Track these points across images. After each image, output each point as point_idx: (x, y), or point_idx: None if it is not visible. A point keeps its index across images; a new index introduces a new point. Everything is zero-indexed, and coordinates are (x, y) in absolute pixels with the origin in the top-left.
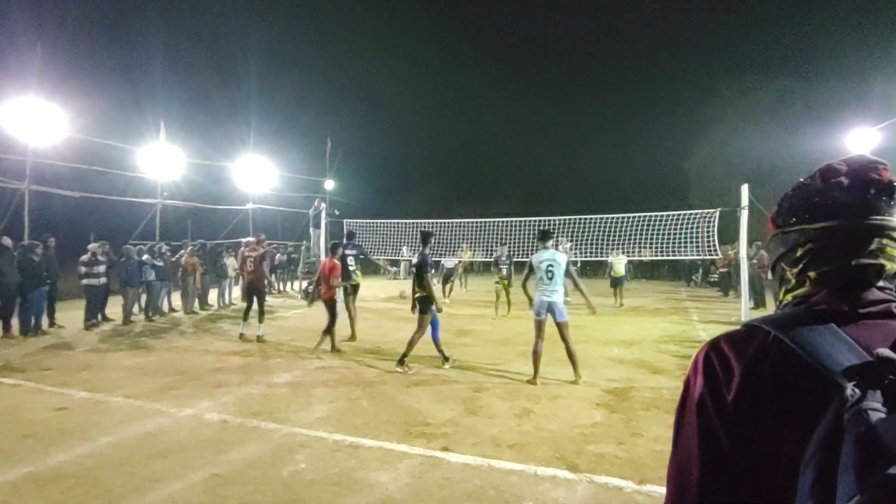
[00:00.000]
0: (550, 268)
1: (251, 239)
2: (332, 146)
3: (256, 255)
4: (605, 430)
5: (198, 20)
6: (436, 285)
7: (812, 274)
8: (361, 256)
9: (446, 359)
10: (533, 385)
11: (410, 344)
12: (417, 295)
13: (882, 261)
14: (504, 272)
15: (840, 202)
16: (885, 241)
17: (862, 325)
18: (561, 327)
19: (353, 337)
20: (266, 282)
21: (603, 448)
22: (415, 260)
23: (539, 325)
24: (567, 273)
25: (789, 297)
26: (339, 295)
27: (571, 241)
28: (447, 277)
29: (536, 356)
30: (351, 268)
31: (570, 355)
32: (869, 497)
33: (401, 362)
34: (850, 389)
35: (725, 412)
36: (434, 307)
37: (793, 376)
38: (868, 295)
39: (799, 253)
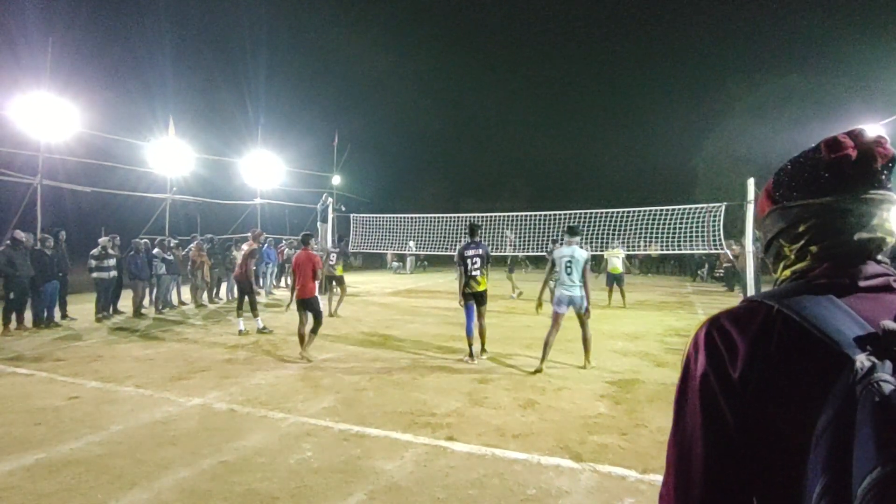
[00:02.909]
0: (569, 263)
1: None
2: (339, 142)
3: (244, 252)
4: (609, 421)
5: (206, 16)
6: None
7: (814, 249)
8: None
9: (471, 354)
10: (539, 372)
11: (483, 333)
12: (482, 288)
13: (881, 234)
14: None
15: (847, 176)
16: (885, 214)
17: (862, 298)
18: (582, 317)
19: (334, 314)
20: (249, 280)
21: (606, 438)
22: (480, 252)
23: (557, 317)
24: (583, 270)
25: (787, 273)
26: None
27: (515, 233)
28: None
29: (547, 345)
30: (331, 263)
31: (586, 342)
32: (891, 468)
33: (483, 350)
34: (861, 361)
35: (731, 389)
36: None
37: (800, 350)
38: (867, 268)
39: (801, 228)
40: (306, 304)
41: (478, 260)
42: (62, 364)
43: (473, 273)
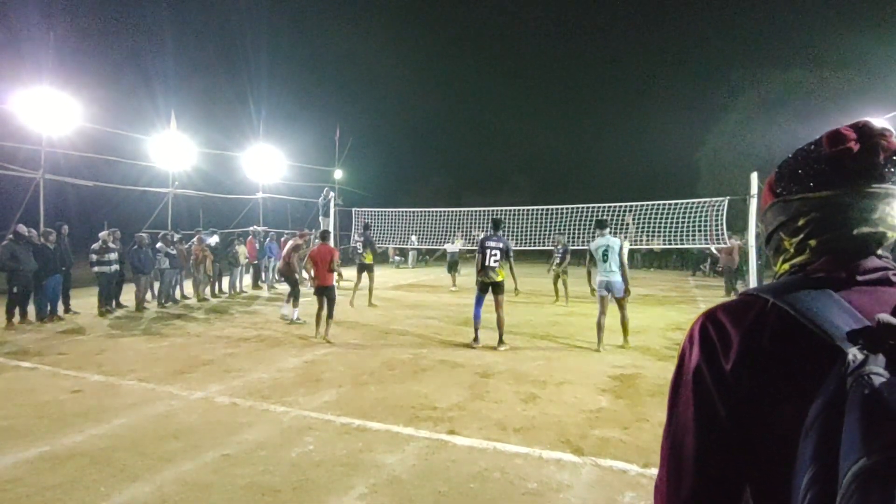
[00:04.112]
0: (605, 252)
1: (259, 228)
2: (341, 136)
3: (289, 246)
4: (611, 415)
5: (207, 10)
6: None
7: (813, 242)
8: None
9: (476, 339)
10: (598, 352)
11: (501, 323)
12: (499, 279)
13: (883, 229)
14: (558, 260)
15: (848, 169)
16: (887, 209)
17: (860, 292)
18: (619, 301)
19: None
20: (295, 274)
21: (608, 432)
22: (500, 246)
23: (602, 301)
24: (619, 256)
25: (786, 267)
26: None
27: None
28: (453, 265)
29: (600, 327)
30: (359, 251)
31: (624, 324)
32: (876, 459)
33: (501, 342)
34: (853, 354)
35: (724, 382)
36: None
37: (793, 343)
38: (867, 263)
39: (801, 222)
40: (325, 291)
41: (497, 252)
42: (65, 358)
43: (493, 264)
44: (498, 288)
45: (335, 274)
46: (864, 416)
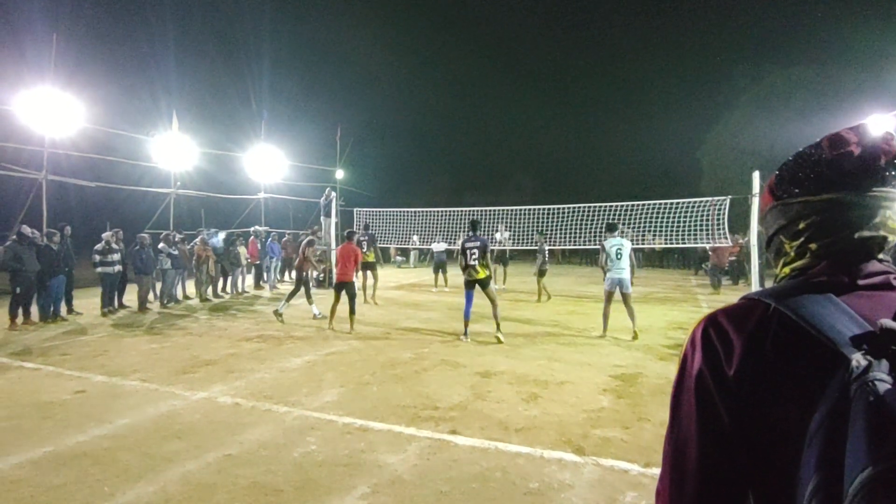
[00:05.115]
0: (619, 251)
1: (261, 229)
2: (342, 135)
3: (304, 243)
4: (612, 415)
5: (209, 11)
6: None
7: (813, 246)
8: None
9: (466, 334)
10: (602, 337)
11: (496, 314)
12: (480, 276)
13: (884, 233)
14: (537, 259)
15: (849, 173)
16: (888, 212)
17: (861, 296)
18: (626, 297)
19: (373, 300)
20: (307, 269)
21: (609, 432)
22: (478, 245)
23: (609, 296)
24: (629, 256)
25: (787, 270)
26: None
27: (509, 229)
28: (440, 265)
29: (606, 316)
30: (364, 250)
31: (631, 317)
32: (882, 467)
33: (498, 329)
34: (856, 360)
35: (726, 387)
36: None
37: (796, 348)
38: (867, 267)
39: (801, 226)
40: (345, 287)
41: (476, 251)
42: (68, 358)
43: (472, 263)
44: (483, 283)
45: (355, 272)
46: (869, 423)
